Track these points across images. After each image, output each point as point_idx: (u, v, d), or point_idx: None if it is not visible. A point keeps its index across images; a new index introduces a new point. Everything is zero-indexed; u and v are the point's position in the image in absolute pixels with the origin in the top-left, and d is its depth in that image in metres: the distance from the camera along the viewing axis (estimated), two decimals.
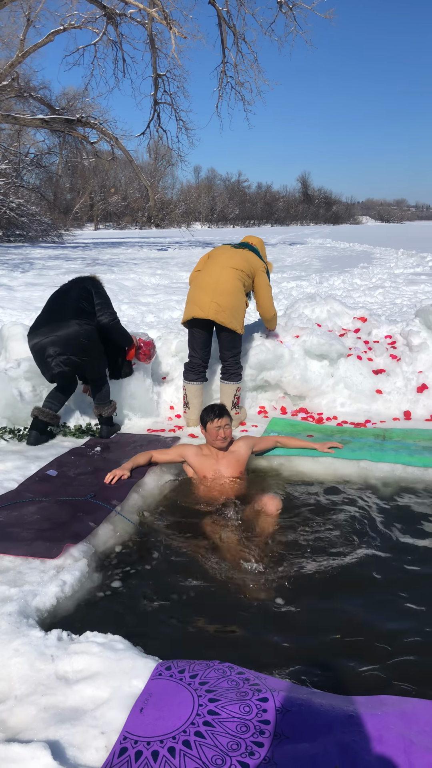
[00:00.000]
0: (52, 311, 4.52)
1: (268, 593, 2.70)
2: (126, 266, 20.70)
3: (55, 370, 4.37)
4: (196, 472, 3.84)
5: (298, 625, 2.48)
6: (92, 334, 4.42)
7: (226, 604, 2.63)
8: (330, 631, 2.43)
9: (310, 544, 3.11)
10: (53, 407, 4.50)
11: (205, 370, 4.88)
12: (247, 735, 1.80)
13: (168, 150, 27.83)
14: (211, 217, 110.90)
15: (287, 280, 16.43)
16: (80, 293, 4.58)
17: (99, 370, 4.58)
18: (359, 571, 2.85)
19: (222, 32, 23.34)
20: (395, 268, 19.61)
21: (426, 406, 4.98)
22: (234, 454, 3.87)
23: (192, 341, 4.81)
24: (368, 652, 2.31)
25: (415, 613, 2.55)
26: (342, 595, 2.67)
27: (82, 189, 59.53)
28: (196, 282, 4.76)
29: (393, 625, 2.47)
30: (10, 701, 2.00)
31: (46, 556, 2.86)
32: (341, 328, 5.77)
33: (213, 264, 4.74)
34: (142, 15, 21.68)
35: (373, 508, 3.49)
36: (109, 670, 2.08)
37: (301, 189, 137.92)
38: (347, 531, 3.24)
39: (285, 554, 3.01)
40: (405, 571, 2.86)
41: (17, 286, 14.22)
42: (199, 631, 2.45)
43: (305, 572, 2.84)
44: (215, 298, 4.56)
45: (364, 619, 2.51)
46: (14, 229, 37.30)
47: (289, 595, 2.68)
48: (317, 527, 3.28)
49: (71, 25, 22.60)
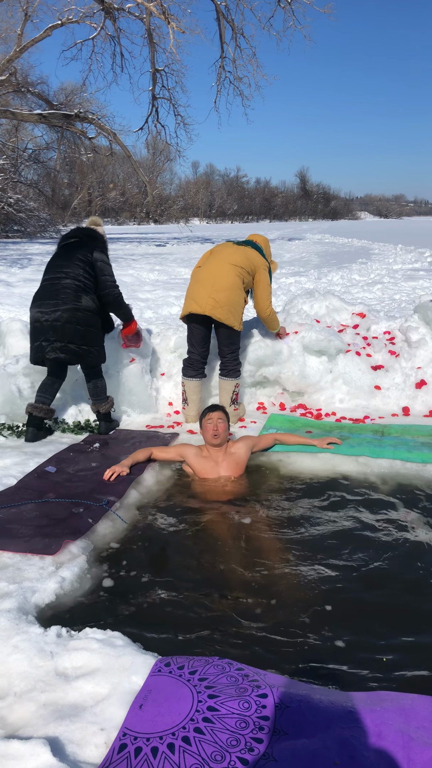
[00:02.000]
0: (52, 284, 4.36)
1: (267, 589, 2.70)
2: (124, 262, 20.65)
3: (50, 356, 4.31)
4: (195, 473, 3.84)
5: (297, 621, 2.48)
6: (92, 319, 4.35)
7: (226, 601, 2.63)
8: (329, 628, 2.44)
9: (308, 539, 3.11)
10: (46, 401, 4.46)
11: (204, 366, 4.87)
12: (247, 731, 1.80)
13: (166, 145, 27.73)
14: (209, 212, 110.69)
15: (286, 275, 16.40)
16: (83, 262, 4.42)
17: (95, 360, 4.48)
18: (358, 567, 2.85)
19: (220, 27, 23.26)
20: (394, 264, 19.60)
21: (424, 401, 4.98)
22: (234, 456, 3.86)
23: (191, 337, 4.80)
24: (367, 648, 2.31)
25: (414, 609, 2.55)
26: (341, 591, 2.68)
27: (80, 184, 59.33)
28: (195, 277, 4.74)
29: (392, 621, 2.47)
30: (10, 698, 2.00)
31: (45, 552, 2.86)
32: (340, 324, 5.76)
33: (213, 260, 4.72)
34: (140, 9, 21.60)
35: (372, 503, 3.50)
36: (109, 666, 2.08)
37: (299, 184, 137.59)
38: (346, 527, 3.24)
39: (284, 550, 3.01)
40: (404, 566, 2.86)
41: (15, 282, 14.18)
42: (198, 628, 2.45)
43: (304, 568, 2.85)
44: (213, 293, 4.54)
45: (362, 615, 2.52)
46: (12, 225, 37.21)
47: (288, 591, 2.68)
48: (316, 523, 3.28)
49: (69, 20, 22.49)
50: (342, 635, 2.39)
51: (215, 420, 3.81)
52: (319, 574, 2.81)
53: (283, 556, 2.95)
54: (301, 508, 3.45)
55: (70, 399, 4.97)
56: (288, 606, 2.58)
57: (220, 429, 3.81)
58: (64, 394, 4.92)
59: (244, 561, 2.94)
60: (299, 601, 2.62)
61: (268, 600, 2.62)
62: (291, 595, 2.66)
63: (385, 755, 1.70)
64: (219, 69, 24.28)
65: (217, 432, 3.79)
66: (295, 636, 2.38)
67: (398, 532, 3.18)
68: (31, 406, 4.43)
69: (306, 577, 2.78)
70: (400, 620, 2.48)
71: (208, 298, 4.55)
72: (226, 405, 4.80)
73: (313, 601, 2.61)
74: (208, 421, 3.82)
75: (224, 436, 3.85)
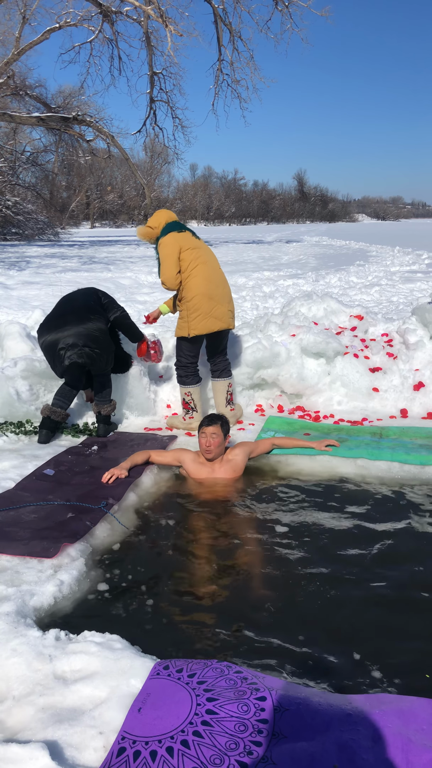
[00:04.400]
0: (61, 309, 4.62)
1: (265, 592, 2.70)
2: (122, 264, 20.66)
3: (66, 362, 4.42)
4: (192, 478, 3.84)
5: (296, 623, 2.48)
6: (104, 328, 4.54)
7: (224, 603, 2.63)
8: (328, 630, 2.43)
9: (307, 542, 3.11)
10: (64, 405, 4.50)
11: (199, 371, 4.90)
12: (246, 734, 1.80)
13: (164, 148, 27.79)
14: (207, 215, 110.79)
15: (284, 278, 16.41)
16: (86, 294, 4.74)
17: (107, 365, 4.61)
18: (356, 570, 2.85)
19: (218, 30, 23.33)
20: (391, 266, 19.63)
21: (423, 403, 4.98)
22: (231, 463, 3.86)
23: (193, 348, 4.72)
24: (366, 651, 2.31)
25: (413, 612, 2.55)
26: (339, 594, 2.67)
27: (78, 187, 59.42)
28: (209, 294, 4.55)
29: (391, 624, 2.47)
30: (8, 701, 1.99)
31: (44, 555, 2.85)
32: (338, 326, 5.77)
33: (211, 270, 4.63)
34: (138, 13, 21.65)
35: (370, 506, 3.50)
36: (107, 669, 2.08)
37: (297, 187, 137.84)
38: (344, 529, 3.24)
39: (282, 553, 3.01)
40: (402, 569, 2.86)
41: (13, 285, 14.19)
42: (196, 631, 2.45)
43: (302, 571, 2.85)
44: (229, 306, 4.70)
45: (361, 617, 2.52)
46: (10, 228, 37.23)
47: (286, 594, 2.68)
48: (314, 526, 3.28)
49: (67, 23, 22.54)
50: (340, 638, 2.39)
51: (209, 435, 3.80)
52: (318, 576, 2.81)
53: (281, 559, 2.95)
54: (299, 511, 3.45)
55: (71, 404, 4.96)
56: (286, 609, 2.58)
57: (213, 444, 3.80)
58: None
59: (242, 564, 2.94)
60: (298, 604, 2.61)
61: (267, 603, 2.62)
62: (289, 598, 2.66)
63: (384, 758, 1.70)
64: (217, 72, 24.38)
65: (209, 447, 3.80)
66: (294, 639, 2.38)
67: (397, 535, 3.18)
68: (49, 409, 4.45)
69: (304, 580, 2.77)
70: (399, 623, 2.47)
71: (227, 312, 4.66)
72: (222, 406, 4.81)
73: (311, 604, 2.61)
74: (202, 436, 3.82)
75: (217, 452, 3.83)
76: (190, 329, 4.58)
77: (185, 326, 4.60)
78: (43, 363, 4.79)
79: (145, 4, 20.16)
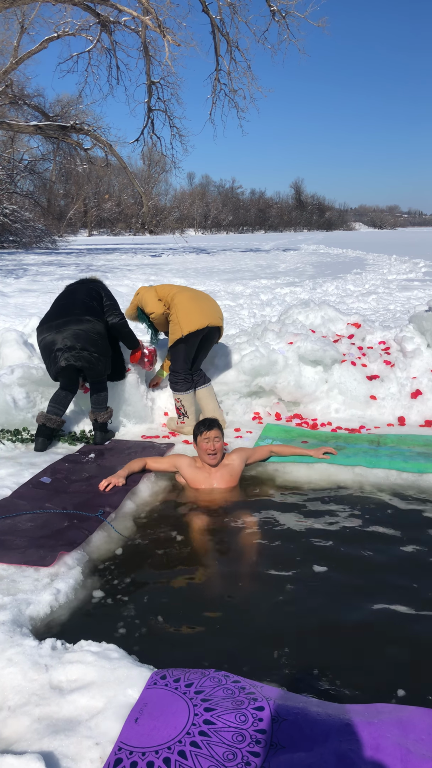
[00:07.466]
0: (61, 307, 4.59)
1: (262, 601, 2.68)
2: (120, 272, 20.69)
3: (62, 364, 4.39)
4: (188, 483, 3.83)
5: (294, 633, 2.46)
6: (102, 331, 4.53)
7: (221, 613, 2.61)
8: (326, 640, 2.42)
9: (304, 550, 3.09)
10: (59, 412, 4.49)
11: (192, 378, 4.91)
12: (243, 745, 1.78)
13: (162, 156, 27.90)
14: (204, 223, 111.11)
15: (281, 286, 16.45)
16: (89, 293, 4.69)
17: (104, 369, 4.59)
18: (354, 579, 2.84)
19: (215, 40, 23.46)
20: (388, 274, 19.70)
21: (420, 411, 4.99)
22: (228, 468, 3.86)
23: (185, 353, 4.77)
24: (365, 661, 2.29)
25: (412, 621, 2.54)
26: (337, 603, 2.66)
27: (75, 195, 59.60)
28: (192, 295, 4.91)
29: (388, 633, 2.45)
30: (4, 712, 1.97)
31: (40, 564, 2.83)
32: (335, 334, 5.77)
33: (193, 290, 5.04)
34: (136, 23, 21.77)
35: (368, 514, 3.49)
36: (104, 679, 2.06)
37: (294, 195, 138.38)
38: (342, 537, 3.23)
39: (279, 561, 2.99)
40: (401, 577, 2.85)
41: (11, 293, 14.20)
42: (194, 640, 2.43)
43: (300, 580, 2.83)
44: (217, 308, 4.93)
45: (359, 626, 2.50)
46: (8, 236, 37.31)
47: (284, 603, 2.66)
48: (312, 534, 3.26)
49: (65, 33, 22.68)
50: (339, 647, 2.37)
51: (212, 439, 3.80)
52: (316, 585, 2.79)
53: (278, 568, 2.94)
54: (297, 519, 3.44)
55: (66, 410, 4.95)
56: (284, 618, 2.57)
57: (218, 447, 3.82)
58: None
59: (240, 572, 2.92)
60: (296, 613, 2.60)
61: (264, 612, 2.61)
62: (287, 607, 2.64)
63: None
64: (214, 81, 24.50)
65: (214, 451, 3.80)
66: (292, 648, 2.37)
67: (394, 543, 3.17)
68: (44, 416, 4.43)
69: (303, 589, 2.76)
70: (398, 632, 2.46)
71: (215, 311, 4.87)
72: (216, 411, 4.83)
73: (309, 612, 2.60)
74: (205, 440, 3.81)
75: (221, 455, 3.87)
76: (183, 328, 4.71)
77: (177, 329, 4.74)
78: (40, 370, 4.78)
79: (143, 14, 20.29)
